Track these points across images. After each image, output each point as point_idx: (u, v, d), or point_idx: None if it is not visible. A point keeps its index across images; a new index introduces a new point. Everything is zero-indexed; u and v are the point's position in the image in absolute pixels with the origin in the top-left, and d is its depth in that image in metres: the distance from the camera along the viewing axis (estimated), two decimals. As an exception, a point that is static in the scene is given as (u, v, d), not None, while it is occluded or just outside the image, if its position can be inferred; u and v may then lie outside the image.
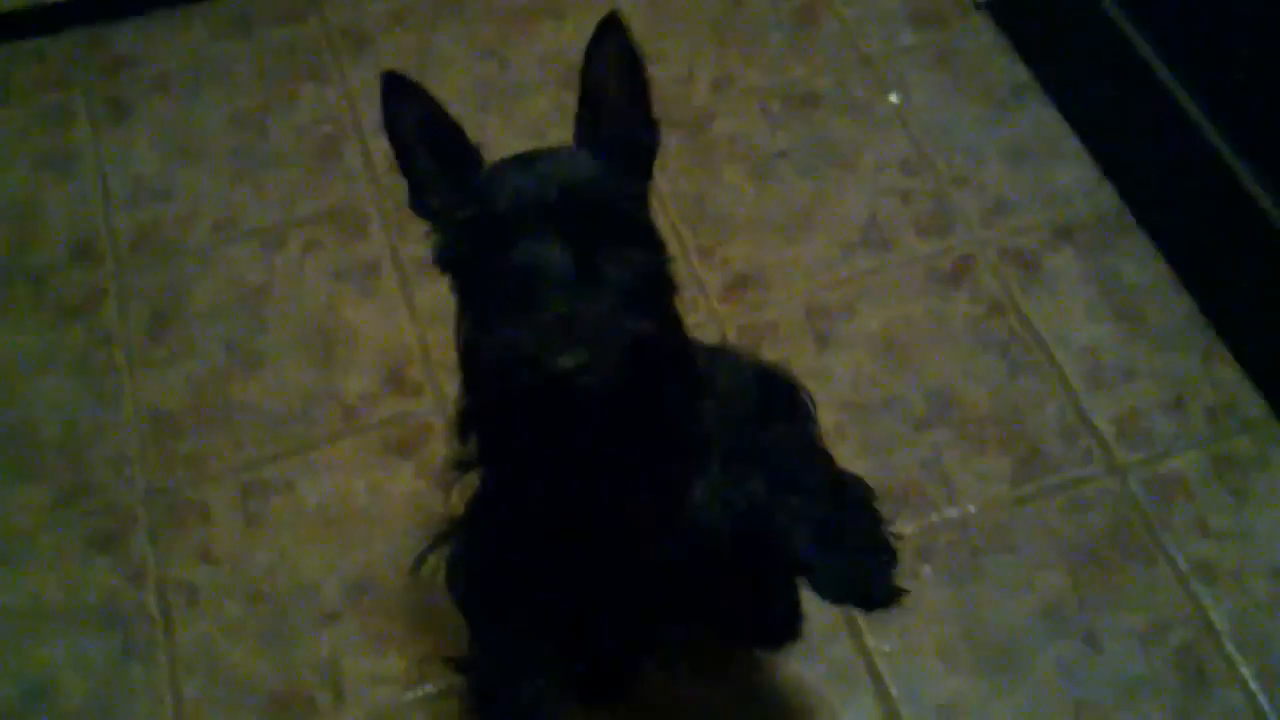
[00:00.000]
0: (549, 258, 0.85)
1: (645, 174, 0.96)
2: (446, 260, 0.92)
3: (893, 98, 1.78)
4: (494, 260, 0.87)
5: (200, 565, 1.44)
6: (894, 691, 1.30)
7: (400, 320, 1.62)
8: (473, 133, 0.95)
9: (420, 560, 1.11)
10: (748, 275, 1.62)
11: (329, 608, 1.40)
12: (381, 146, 1.78)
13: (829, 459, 1.16)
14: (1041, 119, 1.74)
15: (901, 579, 1.31)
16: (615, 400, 0.82)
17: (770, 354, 1.53)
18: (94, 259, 1.72)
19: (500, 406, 0.88)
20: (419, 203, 0.94)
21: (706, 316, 1.59)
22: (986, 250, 1.62)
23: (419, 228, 0.96)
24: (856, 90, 1.80)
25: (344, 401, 1.56)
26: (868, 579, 1.06)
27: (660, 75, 1.81)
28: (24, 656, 1.38)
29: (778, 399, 1.16)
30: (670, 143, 1.74)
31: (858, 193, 1.69)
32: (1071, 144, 1.71)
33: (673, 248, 1.62)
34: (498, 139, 1.12)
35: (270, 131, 1.83)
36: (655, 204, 1.67)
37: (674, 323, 0.95)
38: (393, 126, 0.93)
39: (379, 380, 1.57)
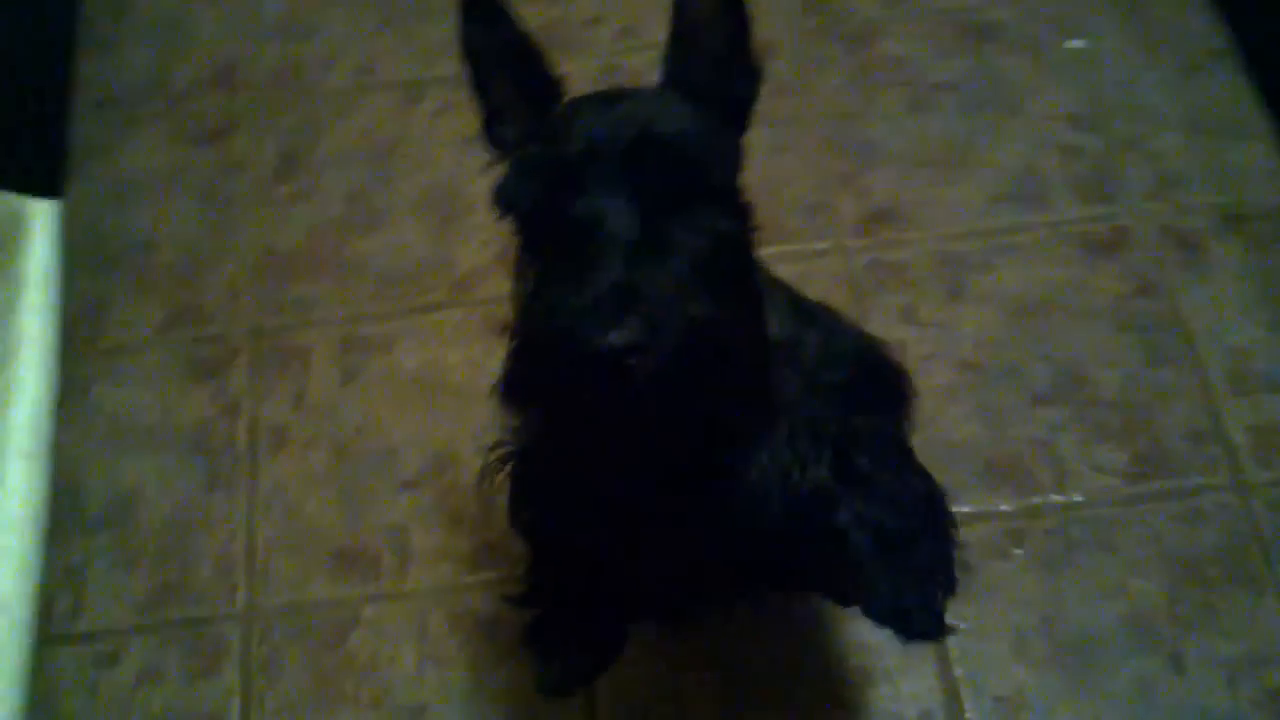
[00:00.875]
0: (614, 214, 0.76)
1: (739, 127, 0.87)
2: (506, 201, 0.83)
3: (1075, 43, 1.67)
4: (556, 209, 0.78)
5: (292, 410, 1.44)
6: (957, 672, 1.25)
7: (525, 197, 1.57)
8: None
9: (484, 476, 1.08)
10: (887, 210, 1.55)
11: (408, 475, 1.39)
12: (530, 16, 1.72)
13: (911, 460, 1.07)
14: (1233, 90, 1.61)
15: (990, 559, 1.29)
16: (665, 385, 0.74)
17: (896, 298, 1.47)
18: (233, 87, 1.70)
19: (543, 374, 0.79)
20: (492, 132, 0.87)
21: (834, 247, 1.52)
22: (1146, 225, 1.51)
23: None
24: (1038, 29, 1.69)
25: (454, 272, 1.53)
26: (917, 606, 0.98)
27: (836, -20, 1.72)
28: (116, 469, 1.41)
29: (873, 382, 1.06)
30: (829, 56, 1.68)
31: (1018, 140, 1.59)
32: (1260, 123, 1.58)
33: (814, 169, 1.57)
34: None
35: (426, -21, 1.78)
36: (802, 121, 1.62)
37: (748, 301, 0.85)
38: (469, 46, 0.85)
39: (492, 255, 1.54)
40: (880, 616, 0.98)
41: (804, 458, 0.93)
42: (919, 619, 0.97)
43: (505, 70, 0.86)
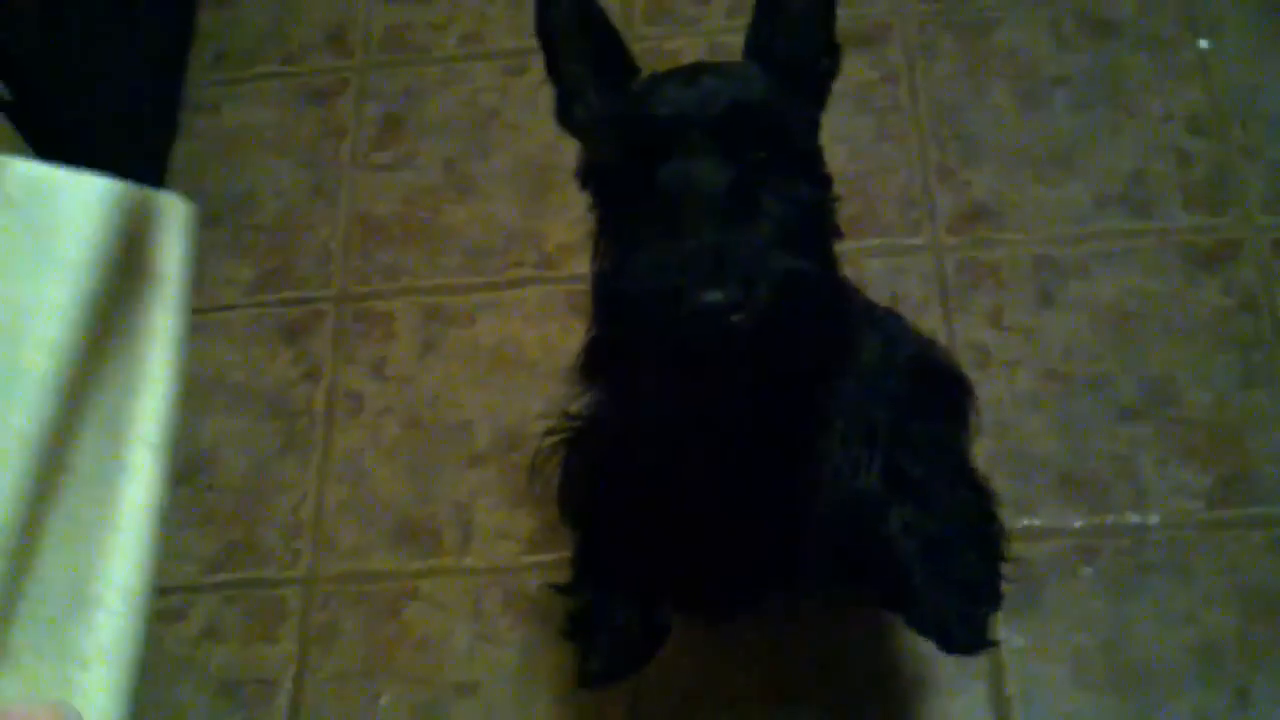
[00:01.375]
0: (705, 178, 0.77)
1: (819, 103, 0.88)
2: (591, 171, 0.86)
3: (1203, 43, 1.59)
4: (643, 175, 0.79)
5: (371, 378, 1.47)
6: (1010, 691, 1.22)
7: (617, 176, 1.57)
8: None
9: (534, 467, 1.09)
10: (985, 207, 1.50)
11: (478, 450, 1.41)
12: (642, -10, 1.71)
13: (966, 470, 1.06)
14: (1369, 101, 1.52)
15: (1056, 576, 1.26)
16: (763, 343, 0.74)
17: (986, 299, 1.44)
18: (344, 49, 1.73)
19: (636, 340, 0.79)
20: (566, 111, 0.88)
21: (928, 242, 1.48)
22: (1258, 239, 1.44)
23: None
24: (1164, 25, 1.61)
25: (543, 247, 1.54)
26: (960, 618, 0.97)
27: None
28: (196, 427, 1.44)
29: (931, 391, 1.05)
30: (941, 43, 1.63)
31: (1132, 142, 1.53)
32: (1394, 138, 1.50)
33: (915, 160, 1.53)
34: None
35: (541, -51, 1.78)
36: (906, 109, 1.58)
37: (831, 268, 0.86)
38: (545, 24, 0.86)
39: (582, 234, 1.52)
40: (921, 626, 0.97)
41: (856, 461, 0.93)
42: (960, 631, 0.97)
43: (582, 49, 0.87)
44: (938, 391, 1.07)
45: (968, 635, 0.97)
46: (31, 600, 0.31)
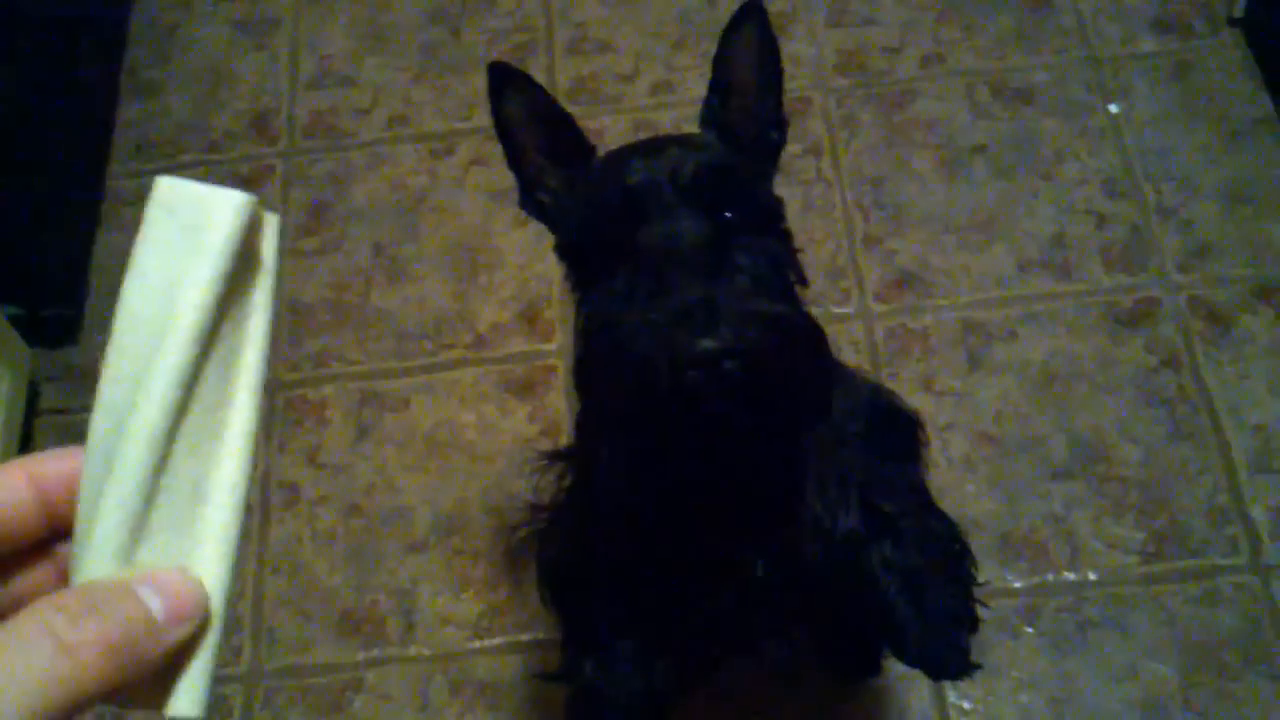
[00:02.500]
0: (684, 236, 0.80)
1: (770, 173, 0.92)
2: (566, 245, 0.88)
3: (1113, 108, 1.64)
4: (621, 241, 0.82)
5: (306, 467, 1.45)
6: (962, 755, 1.23)
7: (548, 254, 1.55)
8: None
9: (511, 550, 1.09)
10: (911, 274, 1.53)
11: (418, 537, 1.40)
12: (566, 71, 1.73)
13: (931, 503, 1.10)
14: (1273, 161, 1.58)
15: (1000, 636, 1.27)
16: (757, 387, 0.76)
17: (916, 366, 1.46)
18: (268, 135, 1.72)
19: (634, 396, 0.80)
20: (529, 199, 0.91)
21: (857, 311, 1.50)
22: (1177, 296, 1.48)
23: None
24: (1076, 92, 1.66)
25: (475, 328, 1.54)
26: (946, 646, 1.01)
27: (868, 40, 1.71)
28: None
29: (888, 430, 1.09)
30: (862, 116, 1.66)
31: (1051, 206, 1.57)
32: (1300, 195, 1.55)
33: (841, 231, 1.56)
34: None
35: (464, 33, 1.80)
36: (830, 181, 1.61)
37: (805, 313, 0.88)
38: (501, 119, 0.89)
39: (514, 313, 1.54)
40: (909, 658, 1.00)
41: (835, 507, 0.95)
42: (946, 658, 1.00)
43: (538, 138, 0.90)
44: (895, 430, 1.10)
45: (954, 661, 0.99)
46: (167, 492, 0.44)
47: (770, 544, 0.94)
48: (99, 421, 0.45)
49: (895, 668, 1.27)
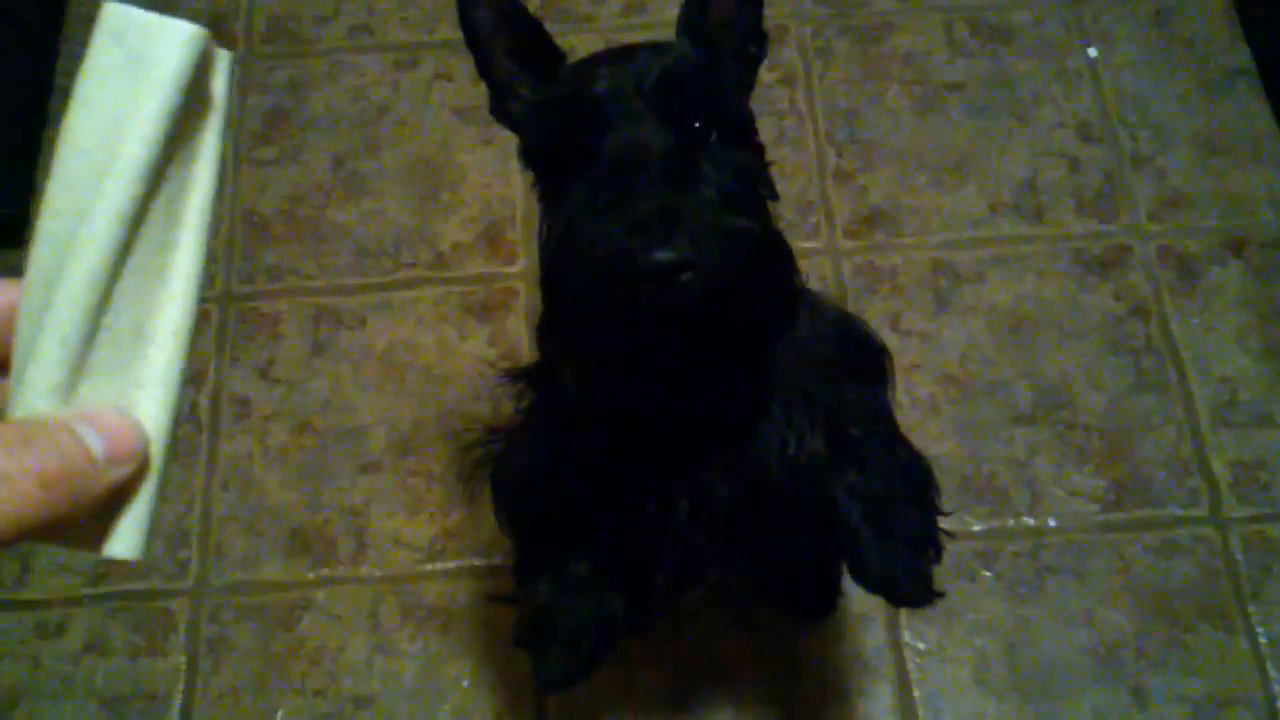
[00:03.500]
0: (648, 144, 0.77)
1: (748, 86, 0.89)
2: (531, 152, 0.85)
3: (1092, 51, 1.62)
4: (585, 149, 0.79)
5: (259, 381, 1.41)
6: (916, 694, 1.23)
7: (512, 175, 1.54)
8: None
9: (465, 473, 1.06)
10: (882, 211, 1.51)
11: (371, 456, 1.36)
12: (538, -15, 1.68)
13: (897, 431, 1.08)
14: (1250, 113, 1.56)
15: (957, 579, 1.27)
16: (714, 301, 0.74)
17: (883, 304, 1.44)
18: (226, 39, 1.66)
19: (590, 307, 0.79)
20: (500, 107, 0.88)
21: (826, 246, 1.48)
22: (1147, 245, 1.47)
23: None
24: (1055, 32, 1.64)
25: (436, 247, 1.50)
26: (907, 572, 0.99)
27: (848, -28, 1.67)
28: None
29: (856, 356, 1.07)
30: (838, 48, 1.63)
31: (1025, 148, 1.55)
32: (1274, 148, 1.53)
33: (812, 164, 1.53)
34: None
35: (433, -61, 1.73)
36: (802, 113, 1.58)
37: (774, 229, 0.86)
38: (468, 23, 0.85)
39: (475, 234, 1.50)
40: (870, 583, 0.99)
41: (800, 429, 0.94)
42: (908, 585, 0.98)
43: (508, 44, 0.87)
44: (863, 356, 1.08)
45: (916, 588, 0.98)
46: (108, 331, 0.43)
47: (733, 463, 0.92)
48: (39, 254, 0.44)
49: (850, 609, 1.26)
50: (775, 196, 0.89)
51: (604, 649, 1.06)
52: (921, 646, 1.25)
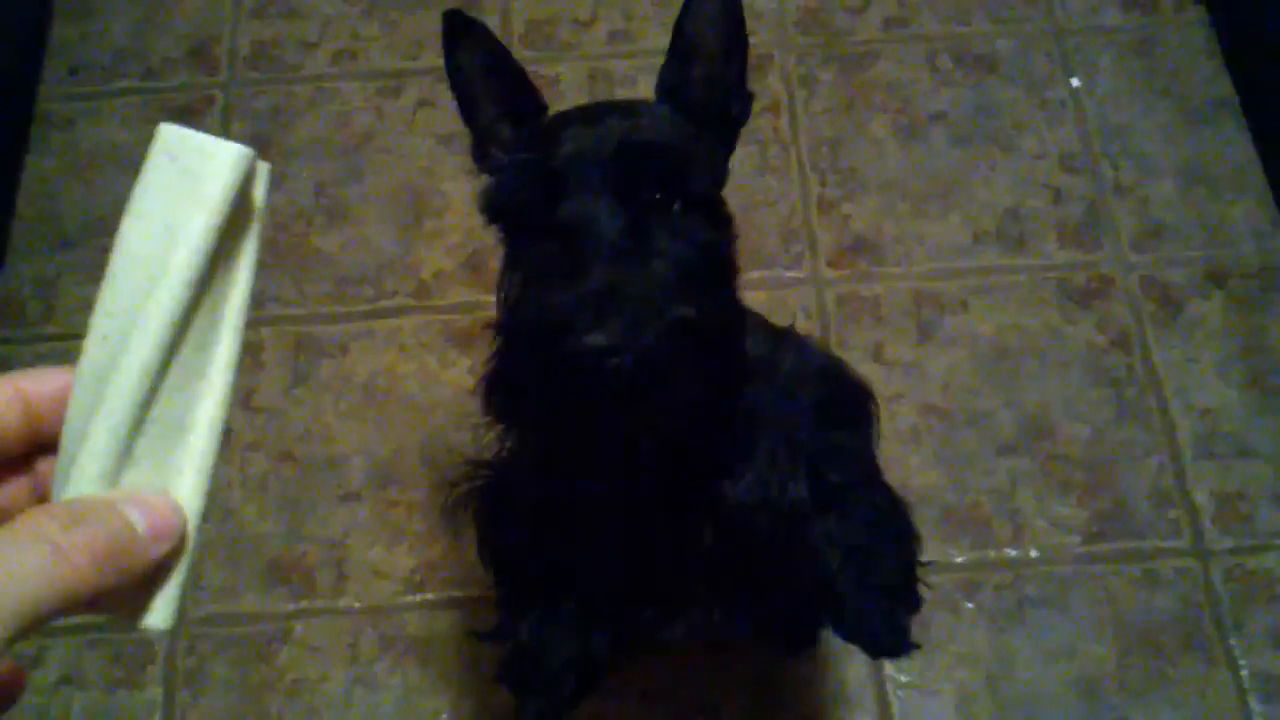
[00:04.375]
0: (599, 219, 0.76)
1: (728, 146, 0.88)
2: (494, 206, 0.84)
3: (1075, 81, 1.62)
4: (542, 215, 0.78)
5: (240, 410, 1.40)
6: (897, 729, 1.22)
7: (496, 203, 1.53)
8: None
9: (449, 507, 1.07)
10: (865, 240, 1.51)
11: (351, 487, 1.36)
12: (522, 14, 1.68)
13: (879, 477, 1.09)
14: (1232, 143, 1.57)
15: (939, 611, 1.26)
16: (644, 384, 0.73)
17: (866, 334, 1.44)
18: (209, 65, 1.66)
19: (527, 374, 0.78)
20: (480, 154, 0.87)
21: (809, 276, 1.48)
22: (1129, 275, 1.47)
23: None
24: (1038, 63, 1.64)
25: (419, 276, 1.49)
26: (884, 623, 1.01)
27: (831, 1, 1.68)
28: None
29: (841, 400, 1.07)
30: (822, 77, 1.63)
31: (1008, 178, 1.55)
32: (1256, 179, 1.54)
33: (795, 193, 1.53)
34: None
35: (429, -32, 1.73)
36: (786, 142, 1.58)
37: (729, 308, 0.86)
38: (455, 71, 0.85)
39: (458, 262, 1.50)
40: (847, 633, 1.00)
41: (783, 475, 0.94)
42: (885, 636, 1.00)
43: (492, 92, 0.87)
44: (848, 401, 1.08)
45: (892, 639, 0.99)
46: (153, 422, 0.48)
47: (715, 506, 0.92)
48: (92, 350, 0.48)
49: (833, 641, 1.26)
50: (736, 272, 0.87)
51: (587, 687, 1.06)
52: (904, 679, 1.25)
